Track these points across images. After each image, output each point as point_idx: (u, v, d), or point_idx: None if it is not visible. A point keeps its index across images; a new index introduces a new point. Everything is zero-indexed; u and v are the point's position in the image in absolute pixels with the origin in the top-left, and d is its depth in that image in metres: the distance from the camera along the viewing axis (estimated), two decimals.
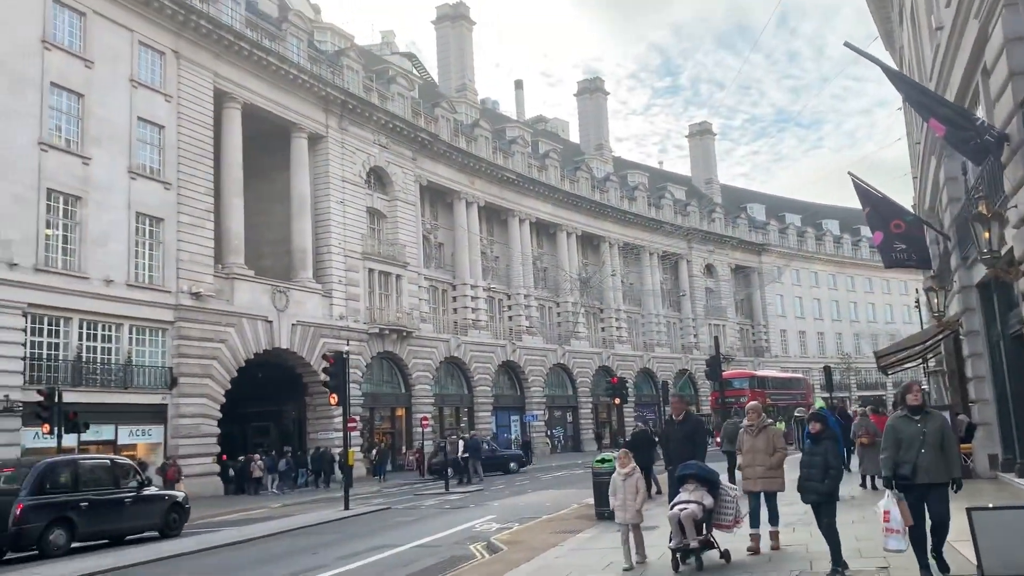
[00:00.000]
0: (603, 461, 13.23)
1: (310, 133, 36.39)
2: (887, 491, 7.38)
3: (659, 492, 16.30)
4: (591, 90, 67.69)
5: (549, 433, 50.61)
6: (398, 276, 40.07)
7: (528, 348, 48.88)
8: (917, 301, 38.12)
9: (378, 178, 40.73)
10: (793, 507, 10.04)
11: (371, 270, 38.56)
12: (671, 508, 8.59)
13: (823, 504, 8.12)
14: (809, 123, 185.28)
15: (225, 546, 15.08)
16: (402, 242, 40.62)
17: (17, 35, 24.74)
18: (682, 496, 8.17)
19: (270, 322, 32.72)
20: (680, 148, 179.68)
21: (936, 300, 15.15)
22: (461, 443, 29.95)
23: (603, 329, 57.48)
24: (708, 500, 8.02)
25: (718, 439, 20.61)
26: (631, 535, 9.06)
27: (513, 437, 46.97)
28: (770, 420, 9.69)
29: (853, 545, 8.87)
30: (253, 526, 18.24)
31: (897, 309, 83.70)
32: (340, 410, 33.40)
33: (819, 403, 22.62)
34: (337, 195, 37.31)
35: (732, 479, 17.57)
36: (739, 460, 9.78)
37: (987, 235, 9.24)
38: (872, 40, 26.68)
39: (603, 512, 12.71)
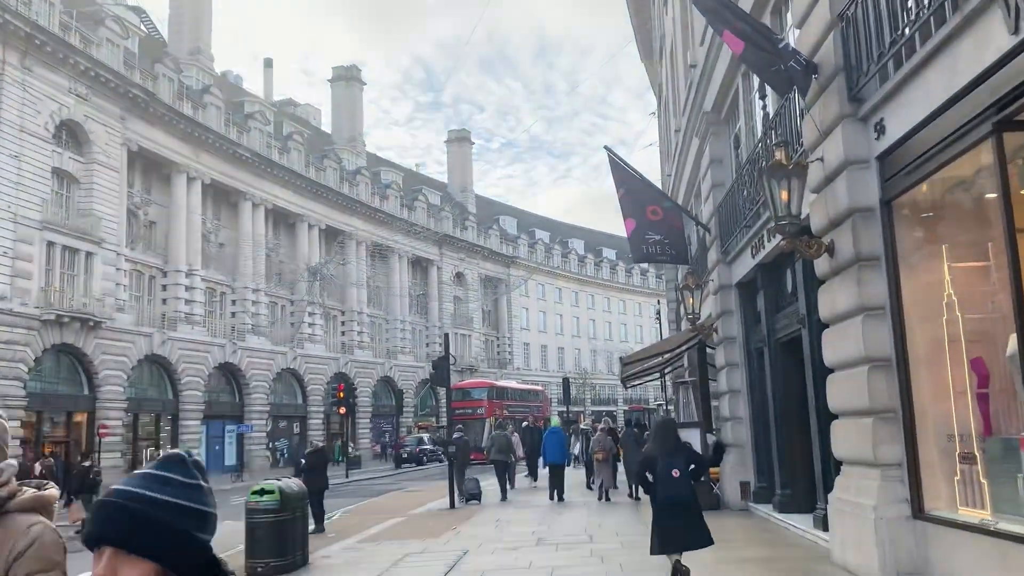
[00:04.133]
0: (262, 492, 9.35)
1: None
2: None
3: None
4: (347, 78, 63.35)
5: (271, 445, 45.50)
6: (89, 254, 33.26)
7: (252, 349, 43.46)
8: (658, 312, 38.20)
9: (72, 134, 33.70)
10: None
11: (52, 243, 31.51)
12: None
13: None
14: (560, 153, 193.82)
15: None
16: (99, 214, 33.85)
17: None
18: None
19: None
20: (440, 164, 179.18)
21: (691, 300, 13.22)
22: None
23: (343, 333, 53.25)
24: None
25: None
26: None
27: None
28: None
29: None
30: None
31: (631, 328, 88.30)
32: None
33: (554, 420, 21.03)
34: (12, 147, 30.09)
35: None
36: None
37: (785, 195, 6.83)
38: (627, 43, 25.59)
39: (255, 567, 8.95)
